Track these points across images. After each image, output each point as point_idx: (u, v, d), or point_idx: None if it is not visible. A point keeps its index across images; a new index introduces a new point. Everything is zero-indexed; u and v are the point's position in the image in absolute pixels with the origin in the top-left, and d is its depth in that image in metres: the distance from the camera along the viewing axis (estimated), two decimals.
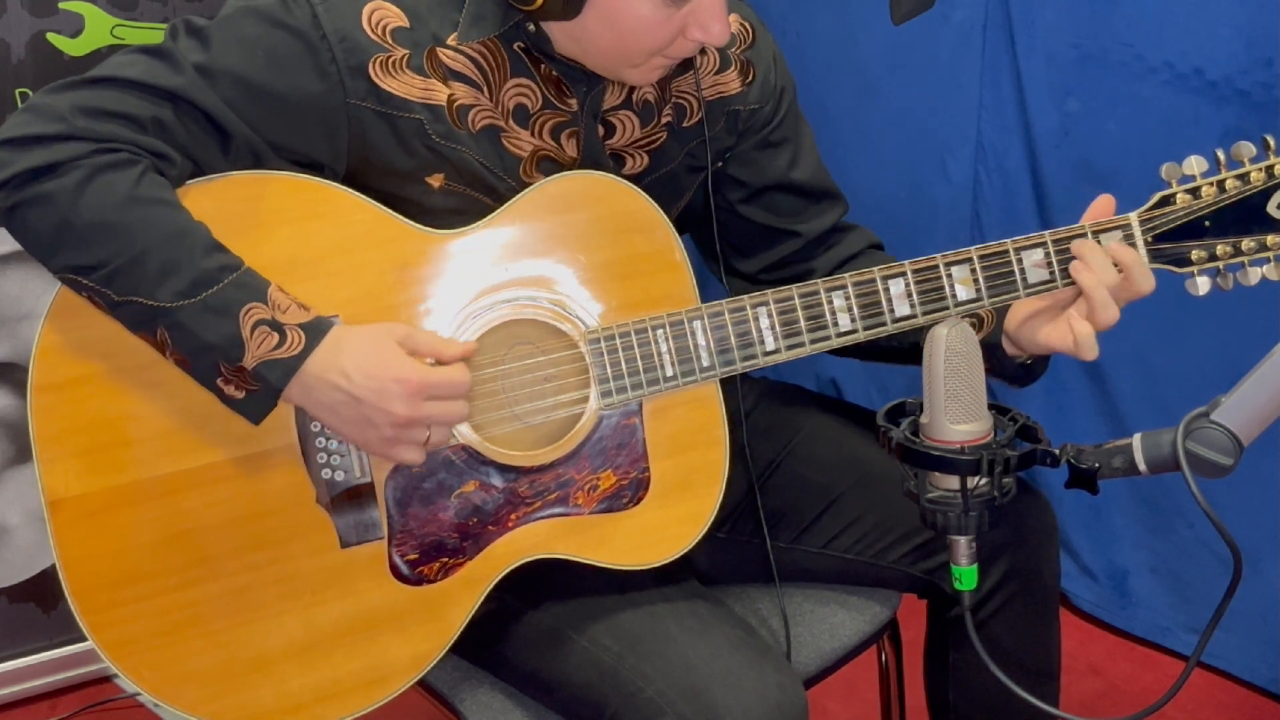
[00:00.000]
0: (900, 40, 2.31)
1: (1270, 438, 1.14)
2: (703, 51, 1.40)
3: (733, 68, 1.44)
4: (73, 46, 1.97)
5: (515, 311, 1.30)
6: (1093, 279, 1.28)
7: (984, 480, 1.13)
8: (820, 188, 1.52)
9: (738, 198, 1.49)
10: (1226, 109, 1.97)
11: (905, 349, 1.44)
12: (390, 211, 1.29)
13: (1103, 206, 1.32)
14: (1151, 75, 2.04)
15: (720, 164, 1.47)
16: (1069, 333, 1.30)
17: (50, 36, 1.95)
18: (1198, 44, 1.98)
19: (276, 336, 1.20)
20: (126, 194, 1.19)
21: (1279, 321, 1.90)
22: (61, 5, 1.95)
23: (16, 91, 1.94)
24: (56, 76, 1.90)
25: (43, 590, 2.13)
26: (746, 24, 1.46)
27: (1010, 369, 1.41)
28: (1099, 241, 1.30)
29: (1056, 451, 1.15)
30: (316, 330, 1.21)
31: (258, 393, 1.21)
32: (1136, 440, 1.13)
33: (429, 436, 1.24)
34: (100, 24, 1.98)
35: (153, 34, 2.01)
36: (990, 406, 1.16)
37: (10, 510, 2.11)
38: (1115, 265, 1.28)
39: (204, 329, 1.19)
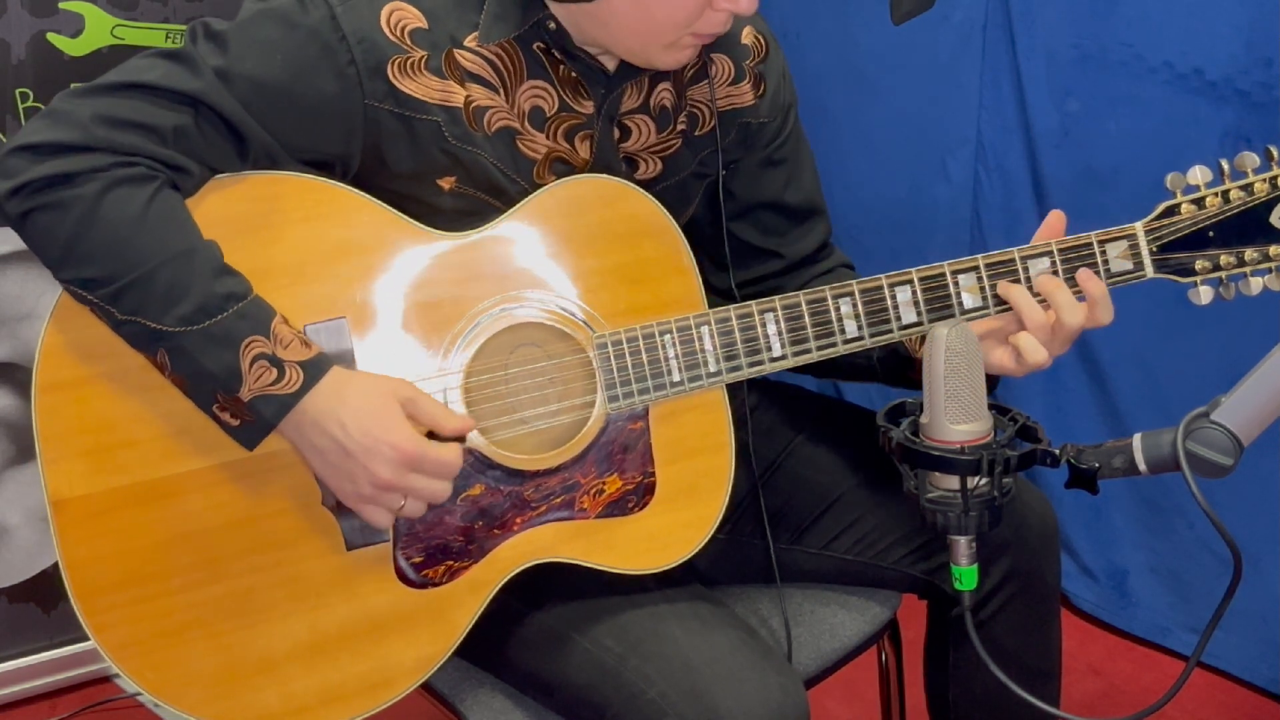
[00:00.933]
0: (900, 40, 2.31)
1: (1270, 438, 1.14)
2: (717, 49, 1.40)
3: (746, 80, 1.44)
4: (73, 46, 1.97)
5: (522, 314, 1.30)
6: (1019, 291, 1.29)
7: (984, 480, 1.13)
8: (809, 209, 1.52)
9: (730, 212, 1.49)
10: (1226, 109, 1.97)
11: (863, 366, 1.45)
12: (399, 213, 1.29)
13: (1054, 224, 1.33)
14: (1151, 75, 2.05)
15: (725, 172, 1.47)
16: (1011, 349, 1.31)
17: (50, 36, 1.95)
18: (1198, 44, 1.98)
19: (275, 372, 1.19)
20: (139, 212, 1.19)
21: (1279, 322, 1.90)
22: (61, 5, 1.95)
23: (16, 91, 1.94)
24: (57, 76, 1.95)
25: (43, 590, 2.13)
26: (761, 37, 1.45)
27: None
28: (1104, 251, 1.30)
29: (1056, 451, 1.16)
30: (316, 369, 1.21)
31: (251, 424, 1.21)
32: (1136, 440, 1.13)
33: (404, 505, 1.23)
34: (100, 24, 1.98)
35: (153, 34, 2.01)
36: (990, 406, 1.16)
37: (10, 510, 2.11)
38: (1079, 295, 1.29)
39: (204, 357, 1.19)
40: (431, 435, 1.24)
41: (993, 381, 1.41)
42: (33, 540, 2.11)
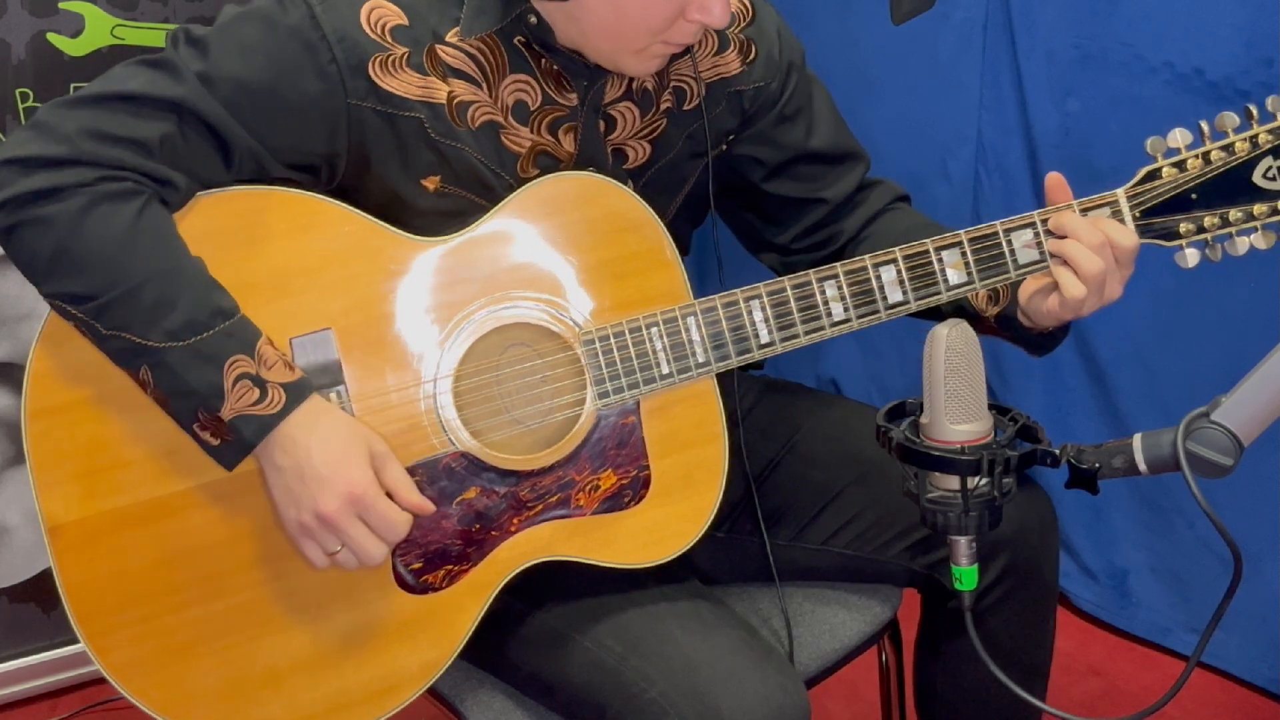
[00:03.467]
0: (900, 40, 2.31)
1: (1270, 438, 1.14)
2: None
3: (732, 48, 1.44)
4: (73, 46, 1.97)
5: (509, 315, 1.30)
6: (1074, 245, 1.28)
7: (984, 480, 1.13)
8: (841, 150, 1.51)
9: (760, 176, 1.49)
10: (1227, 109, 1.97)
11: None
12: (380, 222, 1.29)
13: (1056, 186, 1.32)
14: (1152, 75, 2.04)
15: (725, 147, 1.47)
16: (1055, 289, 1.30)
17: (50, 36, 1.95)
18: (1198, 44, 1.98)
19: (257, 392, 1.19)
20: (127, 226, 1.18)
21: (1279, 321, 1.90)
22: (61, 5, 1.95)
23: (16, 91, 1.95)
24: (56, 76, 1.95)
25: (43, 590, 2.13)
26: (745, 1, 1.45)
27: (1030, 337, 1.41)
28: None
29: (1056, 451, 1.15)
30: (298, 392, 1.21)
31: (231, 443, 1.21)
32: (1137, 440, 1.13)
33: (338, 552, 1.22)
34: (100, 24, 1.98)
35: (153, 34, 2.01)
36: (990, 406, 1.16)
37: (10, 510, 2.11)
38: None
39: (188, 374, 1.18)
40: None
41: (1064, 330, 1.40)
42: (33, 540, 2.11)
